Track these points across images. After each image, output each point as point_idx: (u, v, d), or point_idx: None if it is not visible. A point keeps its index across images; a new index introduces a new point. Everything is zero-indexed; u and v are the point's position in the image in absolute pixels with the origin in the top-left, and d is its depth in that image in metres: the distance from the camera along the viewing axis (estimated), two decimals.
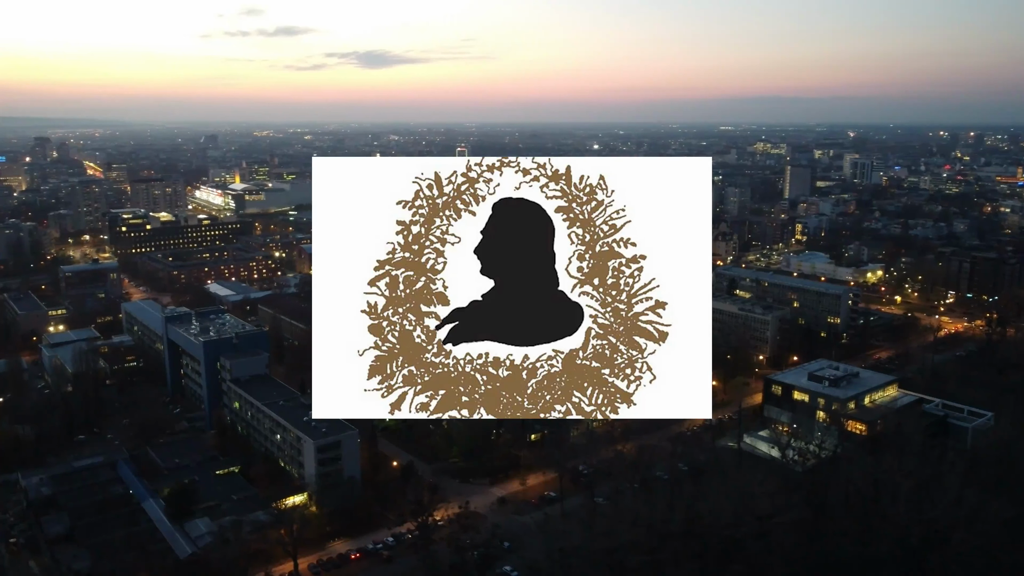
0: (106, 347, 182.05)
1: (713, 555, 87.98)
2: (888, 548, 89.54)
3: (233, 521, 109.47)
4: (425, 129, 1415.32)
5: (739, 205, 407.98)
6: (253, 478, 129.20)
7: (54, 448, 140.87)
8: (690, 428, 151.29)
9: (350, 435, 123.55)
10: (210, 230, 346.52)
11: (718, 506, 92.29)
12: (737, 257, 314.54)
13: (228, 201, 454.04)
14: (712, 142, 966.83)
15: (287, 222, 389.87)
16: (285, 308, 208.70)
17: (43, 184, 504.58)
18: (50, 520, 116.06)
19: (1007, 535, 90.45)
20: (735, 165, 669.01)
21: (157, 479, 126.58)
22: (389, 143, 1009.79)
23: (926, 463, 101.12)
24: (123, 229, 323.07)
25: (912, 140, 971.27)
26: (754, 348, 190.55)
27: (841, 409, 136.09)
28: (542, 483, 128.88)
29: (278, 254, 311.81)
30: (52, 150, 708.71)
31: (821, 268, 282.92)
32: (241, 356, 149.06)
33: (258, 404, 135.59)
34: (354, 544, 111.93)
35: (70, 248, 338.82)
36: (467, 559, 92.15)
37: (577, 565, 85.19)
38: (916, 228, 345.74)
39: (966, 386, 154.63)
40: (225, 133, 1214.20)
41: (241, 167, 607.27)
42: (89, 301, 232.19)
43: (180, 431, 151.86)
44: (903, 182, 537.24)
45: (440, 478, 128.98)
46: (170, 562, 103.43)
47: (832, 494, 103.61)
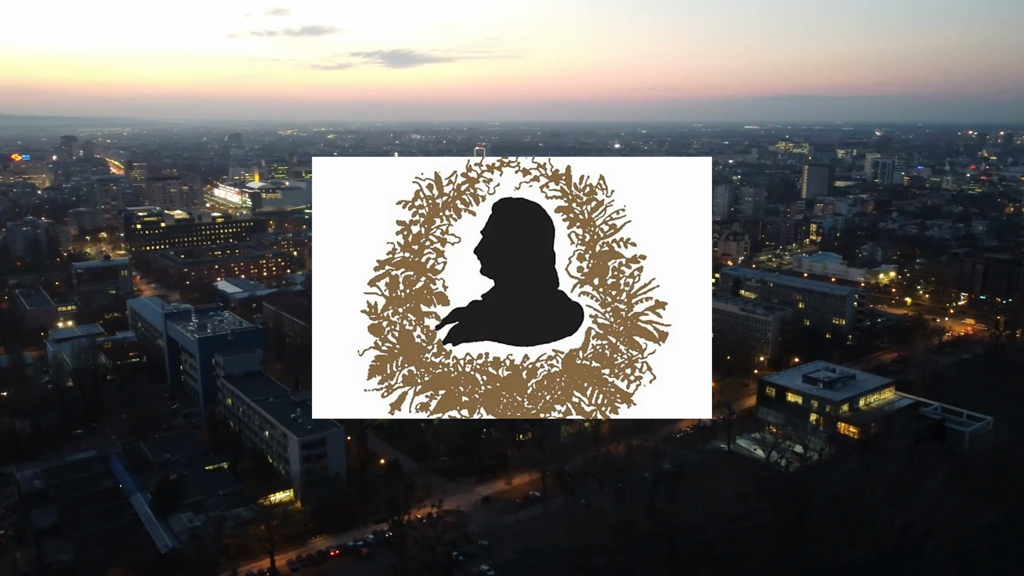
0: (109, 343, 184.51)
1: (682, 557, 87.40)
2: (862, 553, 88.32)
3: (215, 516, 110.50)
4: (448, 128, 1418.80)
5: (754, 205, 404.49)
6: (243, 474, 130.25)
7: (51, 442, 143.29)
8: (682, 429, 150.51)
9: (335, 432, 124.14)
10: (224, 228, 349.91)
11: (690, 508, 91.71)
12: (749, 257, 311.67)
13: (245, 199, 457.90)
14: (735, 141, 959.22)
15: (302, 220, 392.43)
16: (288, 305, 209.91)
17: (65, 182, 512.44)
18: (39, 513, 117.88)
19: (987, 541, 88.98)
20: (755, 164, 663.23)
21: (147, 473, 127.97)
22: (411, 142, 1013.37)
23: (909, 467, 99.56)
24: (138, 227, 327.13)
25: (939, 139, 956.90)
26: (755, 349, 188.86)
27: (834, 411, 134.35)
28: (528, 483, 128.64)
29: (294, 252, 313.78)
30: (78, 149, 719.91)
31: (833, 269, 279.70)
32: (235, 353, 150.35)
33: (248, 400, 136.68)
34: (335, 541, 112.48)
35: (87, 245, 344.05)
36: (437, 558, 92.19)
37: (543, 565, 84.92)
38: (933, 229, 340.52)
39: (968, 389, 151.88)
40: (250, 132, 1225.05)
41: (260, 165, 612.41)
42: (99, 297, 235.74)
43: (176, 426, 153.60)
44: (925, 182, 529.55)
45: (427, 476, 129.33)
46: (150, 556, 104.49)
47: (812, 498, 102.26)
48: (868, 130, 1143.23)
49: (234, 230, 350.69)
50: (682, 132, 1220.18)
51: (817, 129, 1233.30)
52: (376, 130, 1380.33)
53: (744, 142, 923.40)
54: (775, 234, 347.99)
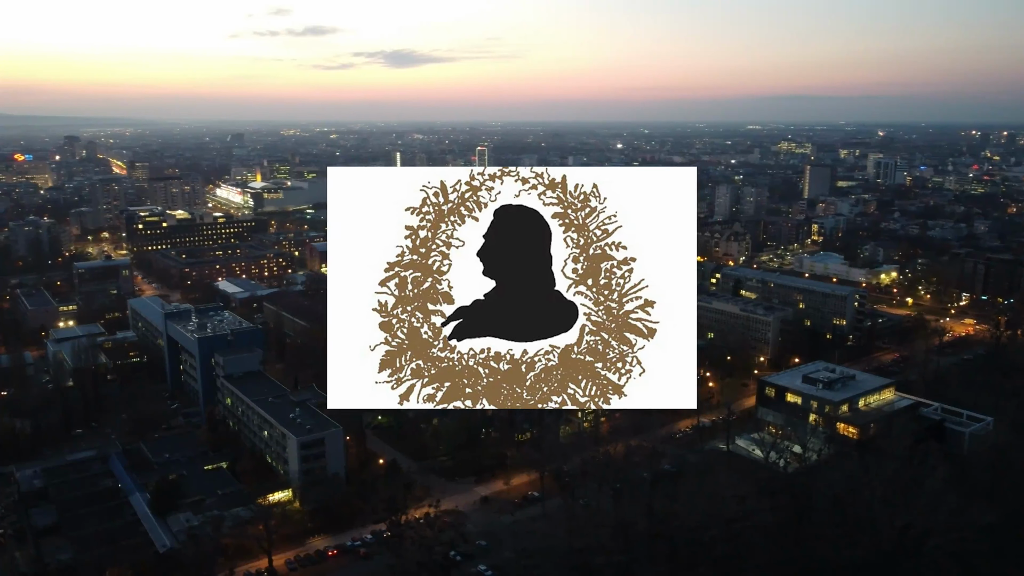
0: (109, 343, 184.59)
1: (681, 557, 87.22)
2: (861, 553, 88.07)
3: (213, 516, 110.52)
4: (450, 128, 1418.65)
5: (756, 204, 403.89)
6: (242, 473, 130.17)
7: (51, 442, 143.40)
8: (681, 429, 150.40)
9: (334, 432, 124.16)
10: (225, 228, 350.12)
11: (689, 508, 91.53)
12: (750, 257, 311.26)
13: (247, 199, 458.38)
14: (737, 141, 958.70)
15: (303, 220, 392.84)
16: (289, 305, 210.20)
17: (68, 182, 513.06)
18: (38, 512, 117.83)
19: (986, 541, 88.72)
20: (757, 164, 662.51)
21: (147, 473, 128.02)
22: (413, 142, 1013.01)
23: (908, 467, 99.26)
24: (139, 226, 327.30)
25: (942, 139, 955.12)
26: (755, 349, 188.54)
27: (833, 412, 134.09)
28: (527, 483, 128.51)
29: (295, 252, 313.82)
30: (80, 149, 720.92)
31: (834, 269, 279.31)
32: (235, 353, 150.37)
33: (247, 400, 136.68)
34: (334, 541, 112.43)
35: (89, 245, 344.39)
36: (435, 558, 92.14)
37: (542, 565, 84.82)
38: (935, 229, 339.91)
39: (969, 390, 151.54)
40: (252, 132, 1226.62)
41: (263, 165, 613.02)
42: (100, 297, 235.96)
43: (176, 426, 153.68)
44: (927, 182, 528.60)
45: (426, 476, 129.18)
46: (148, 556, 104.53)
47: (811, 498, 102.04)
48: (871, 130, 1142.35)
49: (235, 230, 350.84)
50: (684, 132, 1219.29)
51: (819, 129, 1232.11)
52: (378, 130, 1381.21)
53: (746, 142, 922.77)
54: (777, 234, 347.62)
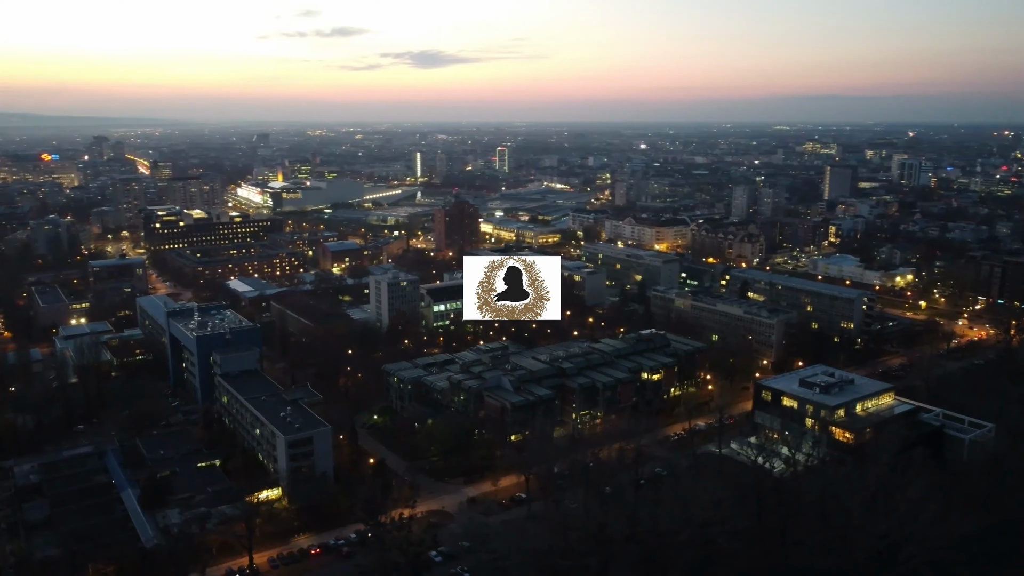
0: (116, 340, 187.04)
1: (653, 561, 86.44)
2: (834, 561, 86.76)
3: (199, 513, 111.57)
4: (475, 128, 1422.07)
5: (773, 206, 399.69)
6: (234, 471, 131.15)
7: (52, 437, 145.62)
8: (676, 433, 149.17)
9: (323, 431, 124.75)
10: (241, 227, 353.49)
11: (665, 512, 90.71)
12: (763, 259, 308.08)
13: (266, 199, 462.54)
14: (762, 142, 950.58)
15: (320, 220, 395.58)
16: (294, 304, 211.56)
17: (93, 181, 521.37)
18: (31, 507, 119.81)
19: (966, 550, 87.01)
20: (779, 165, 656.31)
21: (141, 470, 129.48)
22: (436, 142, 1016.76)
23: (894, 474, 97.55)
24: (157, 226, 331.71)
25: (973, 140, 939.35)
26: (758, 352, 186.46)
27: (828, 416, 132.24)
28: (515, 485, 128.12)
29: (308, 252, 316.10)
30: (108, 149, 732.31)
31: (848, 271, 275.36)
32: (232, 351, 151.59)
33: (241, 399, 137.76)
34: (318, 539, 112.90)
35: (109, 244, 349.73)
36: (408, 557, 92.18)
37: (510, 568, 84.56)
38: (955, 231, 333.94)
39: (974, 395, 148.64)
40: (278, 132, 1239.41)
41: (284, 165, 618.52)
42: (113, 295, 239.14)
43: (174, 424, 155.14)
44: (953, 183, 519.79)
45: (416, 476, 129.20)
46: (134, 551, 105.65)
47: (793, 503, 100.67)
48: (901, 130, 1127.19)
49: (251, 229, 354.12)
50: (710, 132, 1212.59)
51: (848, 129, 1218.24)
52: (404, 130, 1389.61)
53: (771, 143, 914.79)
54: (793, 236, 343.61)
